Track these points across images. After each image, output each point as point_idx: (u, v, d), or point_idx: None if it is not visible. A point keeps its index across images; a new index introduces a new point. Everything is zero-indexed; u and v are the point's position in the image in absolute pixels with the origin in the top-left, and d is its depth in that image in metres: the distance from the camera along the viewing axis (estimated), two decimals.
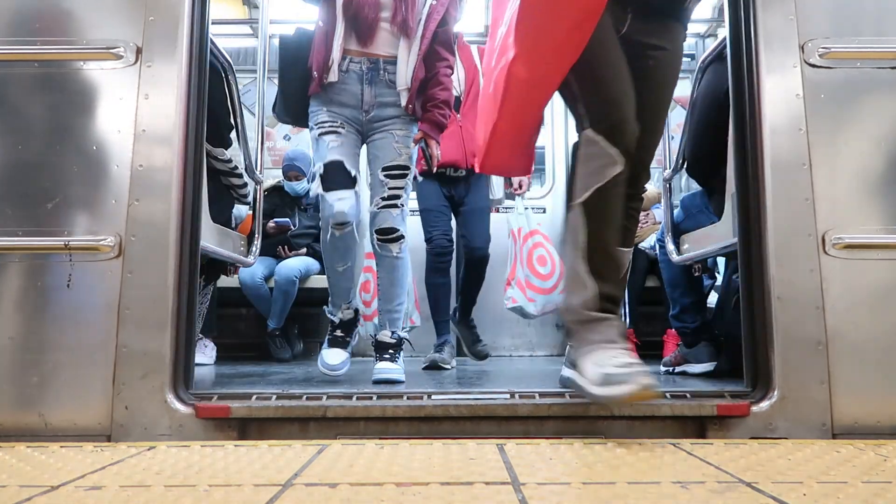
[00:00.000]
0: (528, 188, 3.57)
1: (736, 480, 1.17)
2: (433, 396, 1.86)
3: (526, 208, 3.67)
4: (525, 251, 3.56)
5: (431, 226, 3.32)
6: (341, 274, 2.46)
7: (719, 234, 2.29)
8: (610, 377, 1.52)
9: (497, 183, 3.53)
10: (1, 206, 1.83)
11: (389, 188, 2.37)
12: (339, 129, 2.40)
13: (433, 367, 3.18)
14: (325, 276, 3.97)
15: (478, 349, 3.43)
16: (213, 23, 2.07)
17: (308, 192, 4.16)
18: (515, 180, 3.49)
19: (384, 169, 2.39)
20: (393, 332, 2.46)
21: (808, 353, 1.78)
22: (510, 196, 3.63)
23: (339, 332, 2.50)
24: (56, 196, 1.83)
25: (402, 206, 2.38)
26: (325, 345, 2.50)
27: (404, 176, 2.39)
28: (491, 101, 1.84)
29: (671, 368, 2.77)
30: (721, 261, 3.04)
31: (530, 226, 3.64)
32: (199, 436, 1.75)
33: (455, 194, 3.35)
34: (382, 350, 2.43)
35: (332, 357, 2.40)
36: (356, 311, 2.55)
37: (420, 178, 3.09)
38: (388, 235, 2.38)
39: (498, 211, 3.86)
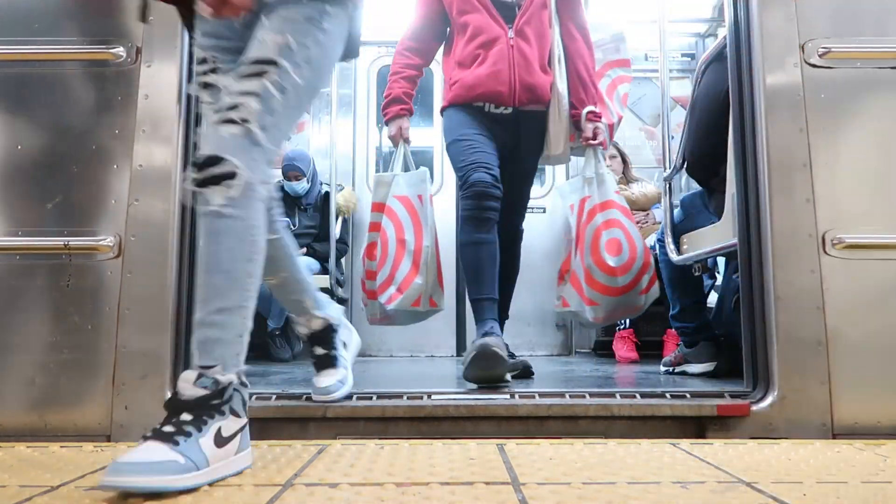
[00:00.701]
0: (606, 137, 2.53)
1: (736, 480, 1.17)
2: (433, 396, 1.86)
3: (599, 171, 2.53)
4: (590, 232, 2.46)
5: (465, 156, 2.26)
6: (280, 287, 1.71)
7: (719, 234, 2.28)
8: None
9: (556, 131, 2.41)
10: (1, 206, 1.83)
11: (230, 93, 1.34)
12: (207, 75, 1.49)
13: (480, 360, 2.00)
14: (326, 276, 4.01)
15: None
16: None
17: (307, 191, 4.16)
18: (589, 126, 2.46)
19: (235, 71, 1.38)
20: (202, 374, 1.23)
21: (808, 353, 1.78)
22: (578, 151, 2.58)
23: (318, 350, 1.80)
24: (56, 196, 1.83)
25: (248, 124, 1.30)
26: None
27: (260, 75, 1.33)
28: None
29: (671, 368, 2.77)
30: (721, 261, 3.04)
31: (603, 195, 2.50)
32: None
33: (497, 127, 2.37)
34: (170, 417, 1.21)
35: (322, 379, 1.79)
36: (325, 319, 1.78)
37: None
38: (206, 171, 1.27)
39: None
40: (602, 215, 2.48)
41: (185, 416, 1.19)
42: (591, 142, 2.48)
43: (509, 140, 2.39)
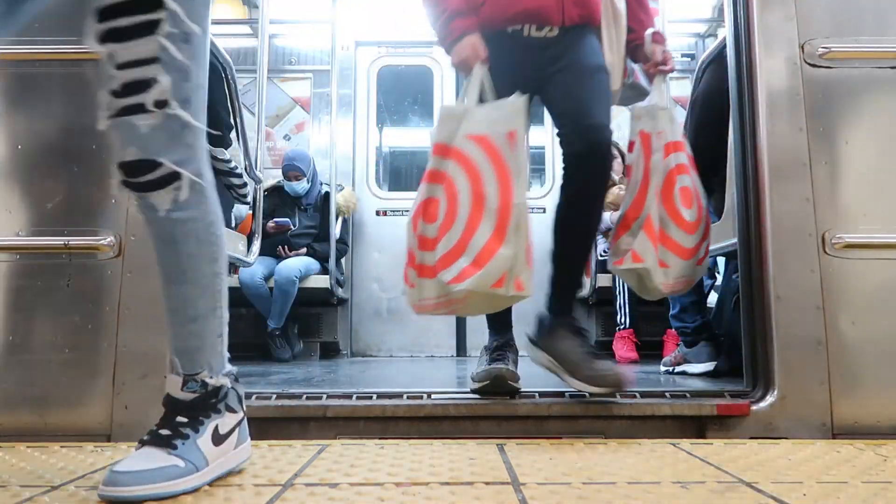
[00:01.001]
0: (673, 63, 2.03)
1: (736, 480, 1.17)
2: (433, 396, 1.86)
3: (670, 106, 2.00)
4: (664, 171, 1.94)
5: None
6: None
7: (719, 234, 2.29)
8: None
9: (614, 62, 1.99)
10: (1, 206, 1.83)
11: (119, 64, 1.05)
12: None
13: (493, 388, 1.84)
14: (326, 276, 4.02)
15: (599, 372, 1.74)
16: (212, 23, 2.07)
17: (307, 191, 4.16)
18: (658, 49, 1.98)
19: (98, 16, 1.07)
20: (191, 379, 1.18)
21: (808, 352, 1.78)
22: (635, 91, 2.11)
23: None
24: (56, 196, 1.83)
25: (167, 107, 1.07)
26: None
27: (151, 30, 1.05)
28: None
29: (671, 368, 2.77)
30: (721, 261, 3.04)
31: (675, 133, 1.97)
32: None
33: (539, 59, 1.89)
34: (166, 418, 1.17)
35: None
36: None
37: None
38: (140, 178, 1.10)
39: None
40: (674, 157, 1.95)
41: (181, 418, 1.15)
42: (662, 67, 1.99)
43: (558, 50, 1.88)
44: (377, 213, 4.65)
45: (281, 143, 4.76)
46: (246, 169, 2.93)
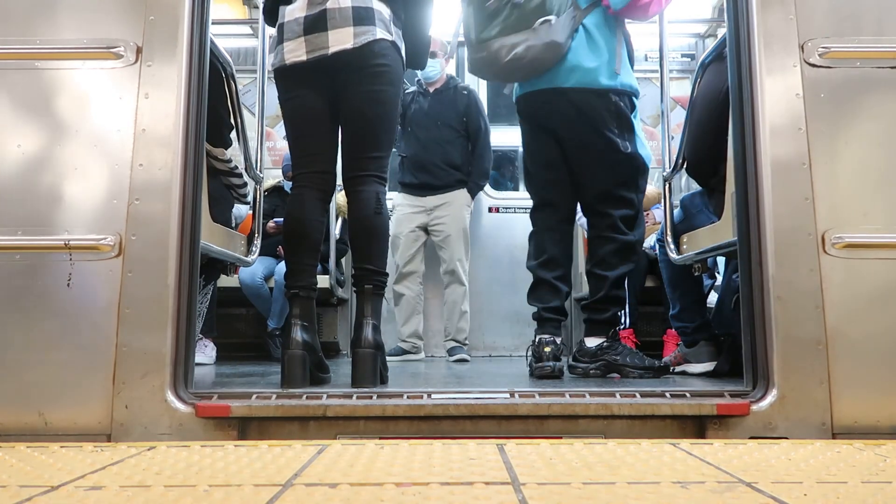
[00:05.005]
0: None
1: (736, 480, 1.17)
2: (433, 395, 1.85)
3: None
4: None
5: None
6: None
7: (719, 234, 2.28)
8: None
9: None
10: (1, 205, 1.82)
11: None
12: None
13: None
14: (326, 276, 4.00)
15: None
16: (213, 23, 2.07)
17: None
18: None
19: None
20: None
21: (808, 352, 1.78)
22: None
23: None
24: (56, 195, 1.83)
25: None
26: None
27: None
28: None
29: (671, 368, 2.77)
30: (721, 261, 3.04)
31: None
32: (199, 435, 1.75)
33: None
34: None
35: None
36: None
37: None
38: None
39: None
40: None
41: None
42: None
43: None
44: None
45: (281, 143, 4.75)
46: (246, 169, 2.93)
